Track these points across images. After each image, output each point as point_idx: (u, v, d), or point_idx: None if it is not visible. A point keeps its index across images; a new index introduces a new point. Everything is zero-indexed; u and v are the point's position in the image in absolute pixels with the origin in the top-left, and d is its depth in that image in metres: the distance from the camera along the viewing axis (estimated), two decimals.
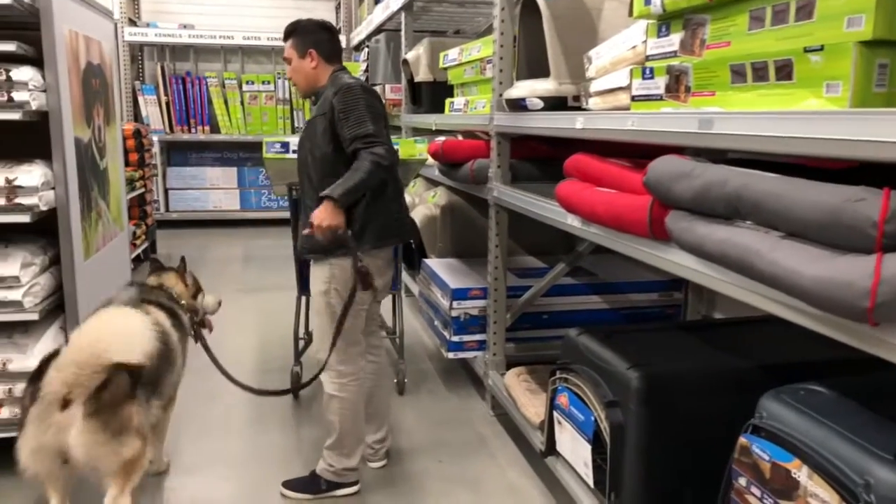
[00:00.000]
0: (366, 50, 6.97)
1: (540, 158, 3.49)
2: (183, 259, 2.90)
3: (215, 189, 8.73)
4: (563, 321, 3.69)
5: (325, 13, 9.02)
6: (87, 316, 2.43)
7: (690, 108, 1.72)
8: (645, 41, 2.01)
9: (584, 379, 2.29)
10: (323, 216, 2.44)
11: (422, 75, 4.99)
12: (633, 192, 1.96)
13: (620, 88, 2.13)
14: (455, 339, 3.59)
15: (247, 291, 5.73)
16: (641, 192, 1.91)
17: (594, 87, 2.30)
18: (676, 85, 1.78)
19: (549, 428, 2.58)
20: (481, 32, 6.42)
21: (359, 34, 7.92)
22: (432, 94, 4.89)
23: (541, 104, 2.74)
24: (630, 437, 2.08)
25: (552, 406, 2.52)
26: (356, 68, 6.97)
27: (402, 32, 5.67)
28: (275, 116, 8.57)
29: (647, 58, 1.96)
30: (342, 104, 2.49)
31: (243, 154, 8.88)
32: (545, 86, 2.72)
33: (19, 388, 2.76)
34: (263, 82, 8.52)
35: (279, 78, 8.54)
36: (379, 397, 2.99)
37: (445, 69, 4.41)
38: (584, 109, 2.39)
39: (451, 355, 3.65)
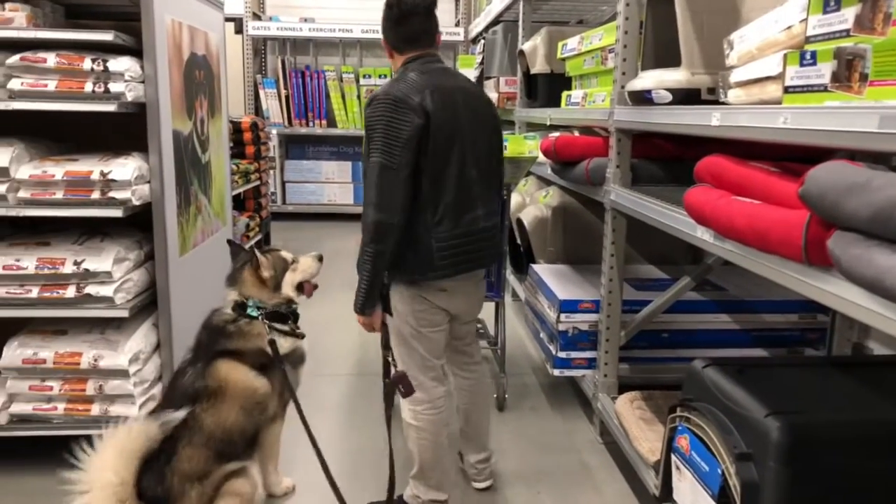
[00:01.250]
0: (482, 42, 6.72)
1: (664, 158, 3.11)
2: (252, 249, 2.60)
3: (330, 183, 8.77)
4: (686, 342, 3.31)
5: (445, 4, 8.85)
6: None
7: (867, 102, 1.35)
8: (805, 19, 1.63)
9: (711, 422, 1.93)
10: (365, 326, 2.38)
11: (538, 67, 4.67)
12: (783, 204, 1.60)
13: (769, 78, 1.76)
14: (562, 354, 3.29)
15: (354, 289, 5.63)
16: (794, 204, 1.55)
17: (735, 76, 1.93)
18: (848, 72, 1.41)
19: (665, 471, 2.24)
20: (604, 21, 6.02)
21: (477, 26, 7.68)
22: (549, 87, 4.56)
23: (669, 97, 2.38)
24: (766, 499, 1.71)
25: (670, 447, 2.18)
26: (472, 61, 6.73)
27: (520, 22, 5.37)
28: None
29: (808, 39, 1.59)
30: (366, 122, 2.24)
31: (358, 148, 8.86)
32: (675, 76, 2.37)
33: (110, 384, 2.71)
34: (380, 76, 8.44)
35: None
36: (476, 417, 2.75)
37: (563, 60, 4.08)
38: (722, 103, 2.03)
39: (556, 372, 3.34)
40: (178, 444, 2.16)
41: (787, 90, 1.64)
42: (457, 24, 8.56)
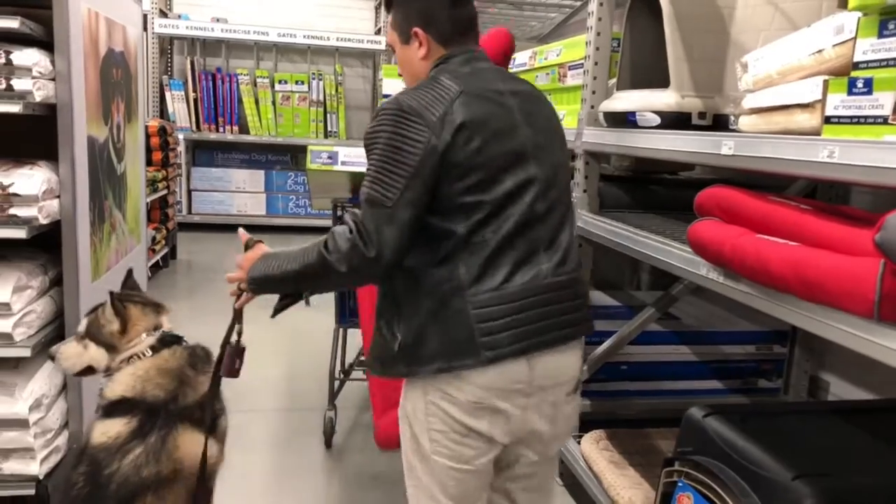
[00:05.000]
0: None
1: (615, 178, 2.98)
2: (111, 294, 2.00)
3: (241, 192, 8.28)
4: (646, 374, 3.17)
5: (365, 11, 8.57)
6: None
7: None
8: (846, 41, 1.48)
9: (721, 482, 1.76)
10: (244, 265, 1.67)
11: None
12: (828, 247, 1.44)
13: (798, 106, 1.60)
14: None
15: (271, 309, 5.23)
16: (844, 249, 1.39)
17: (751, 101, 1.78)
18: None
19: None
20: (547, 35, 5.93)
21: None
22: None
23: (657, 120, 2.22)
24: None
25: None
26: (392, 74, 6.49)
27: None
28: (307, 119, 8.10)
29: (857, 65, 1.43)
30: (365, 142, 1.57)
31: (272, 157, 8.43)
32: (664, 98, 2.20)
33: (5, 436, 2.28)
34: (297, 82, 8.06)
35: (314, 79, 8.08)
36: None
37: None
38: (731, 130, 1.87)
39: None
40: None
41: (828, 120, 1.49)
42: (377, 32, 8.29)
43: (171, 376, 1.90)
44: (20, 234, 2.21)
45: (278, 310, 1.73)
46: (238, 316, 1.81)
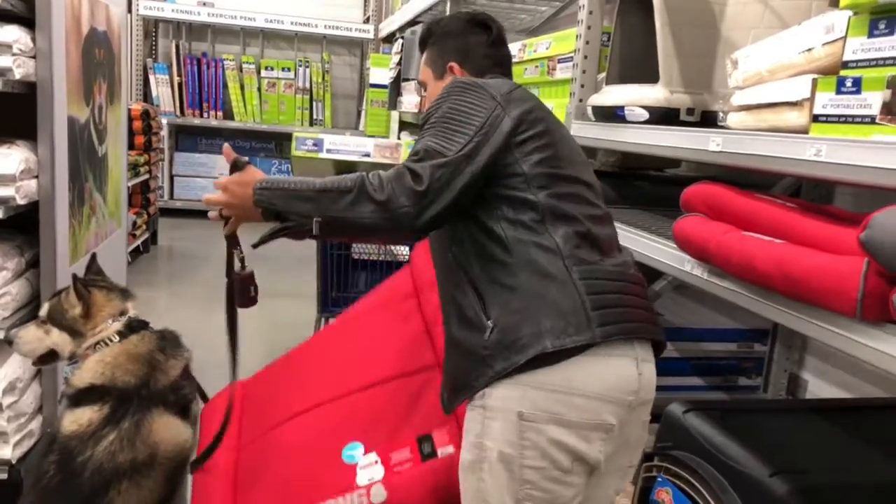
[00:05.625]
0: (399, 41, 6.45)
1: (601, 173, 2.96)
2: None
3: None
4: None
5: (354, 0, 8.50)
6: None
7: None
8: (836, 40, 1.48)
9: (700, 478, 1.76)
10: (228, 188, 1.43)
11: None
12: (812, 245, 1.44)
13: (786, 104, 1.60)
14: None
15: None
16: (827, 247, 1.39)
17: (740, 98, 1.77)
18: None
19: None
20: (536, 28, 5.91)
21: (390, 24, 7.40)
22: None
23: (645, 115, 2.21)
24: None
25: (645, 498, 1.99)
26: (386, 61, 6.45)
27: None
28: (293, 106, 8.04)
29: (846, 64, 1.43)
30: (423, 116, 1.49)
31: (256, 144, 8.36)
32: (653, 94, 2.20)
33: None
34: (283, 69, 7.99)
35: (300, 66, 8.02)
36: None
37: None
38: (718, 126, 1.87)
39: None
40: None
41: (816, 119, 1.49)
42: (366, 21, 8.23)
43: (141, 362, 1.87)
44: None
45: (266, 238, 1.46)
46: (232, 242, 1.58)
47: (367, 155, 2.87)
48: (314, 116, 8.12)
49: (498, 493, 1.31)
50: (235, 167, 1.46)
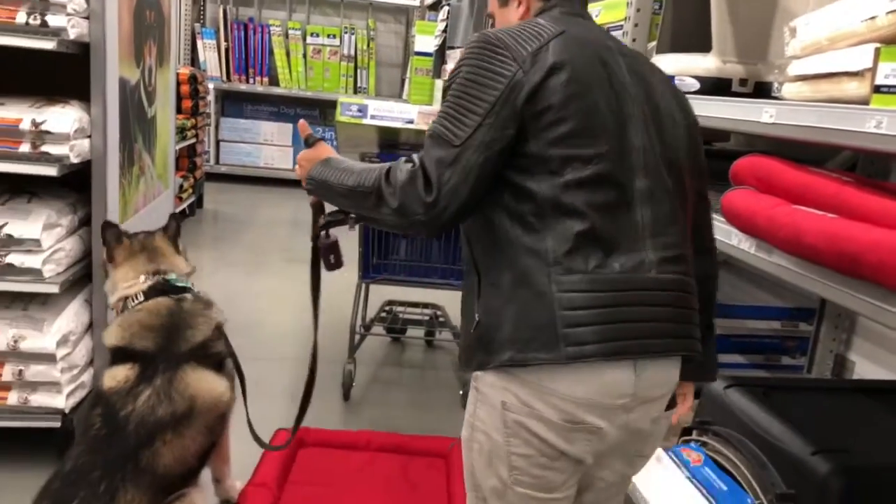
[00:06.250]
0: (446, 8, 6.39)
1: None
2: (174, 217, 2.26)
3: (268, 145, 8.28)
4: None
5: None
6: None
7: None
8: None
9: (740, 454, 1.75)
10: (301, 162, 1.52)
11: None
12: (868, 220, 1.40)
13: (847, 74, 1.55)
14: None
15: (295, 262, 5.25)
16: (878, 220, 1.36)
17: (797, 68, 1.72)
18: None
19: None
20: None
21: None
22: None
23: (696, 85, 2.16)
24: None
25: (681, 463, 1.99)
26: (431, 29, 6.39)
27: None
28: (337, 73, 8.04)
29: None
30: (447, 78, 1.35)
31: (301, 110, 8.39)
32: (705, 63, 2.15)
33: (33, 370, 2.32)
34: (329, 35, 7.98)
35: (346, 33, 8.01)
36: None
37: None
38: (772, 98, 1.82)
39: None
40: (118, 490, 1.74)
41: (877, 89, 1.43)
42: None
43: (160, 325, 1.95)
44: (51, 171, 2.22)
45: (323, 226, 1.58)
46: (316, 210, 1.65)
47: (411, 122, 2.86)
48: (358, 84, 8.12)
49: (487, 472, 1.32)
50: (308, 142, 1.55)
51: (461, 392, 3.26)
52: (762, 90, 2.10)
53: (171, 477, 1.83)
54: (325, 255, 1.67)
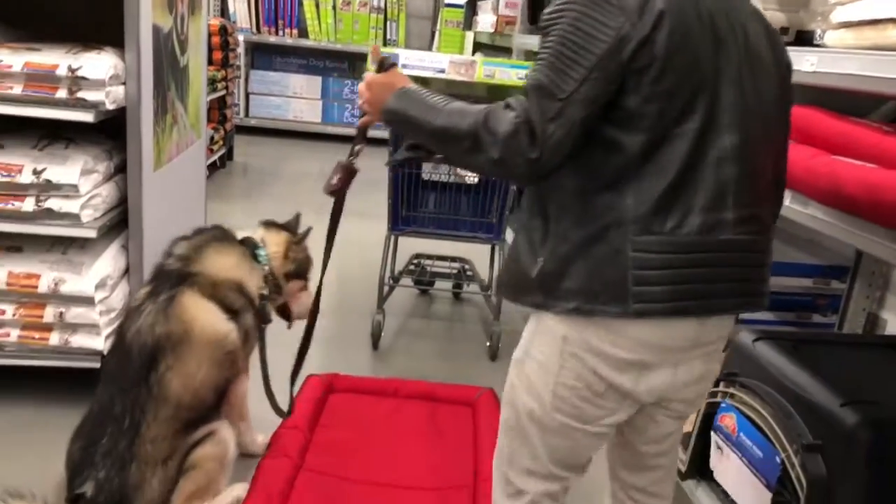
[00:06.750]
0: None
1: None
2: (297, 218, 2.43)
3: (297, 98, 8.27)
4: None
5: None
6: None
7: None
8: None
9: (767, 405, 1.75)
10: (372, 87, 1.45)
11: None
12: None
13: (891, 20, 1.51)
14: None
15: (323, 214, 5.27)
16: None
17: (840, 15, 1.67)
18: None
19: (696, 447, 2.07)
20: None
21: None
22: None
23: None
24: (839, 499, 1.55)
25: (707, 423, 2.00)
26: None
27: None
28: (367, 26, 7.97)
29: None
30: (543, 20, 1.26)
31: (330, 63, 8.34)
32: None
33: (73, 312, 2.39)
34: None
35: None
36: None
37: None
38: (815, 45, 1.77)
39: None
40: (140, 422, 1.84)
41: None
42: None
43: (193, 253, 2.07)
44: (88, 117, 2.25)
45: (400, 160, 1.61)
46: (360, 134, 1.67)
47: (442, 71, 2.84)
48: (388, 37, 8.04)
49: (529, 395, 1.37)
50: (381, 67, 1.48)
51: (488, 344, 3.28)
52: (804, 38, 2.05)
53: (187, 409, 1.90)
54: (333, 175, 1.68)
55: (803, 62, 1.72)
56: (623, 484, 1.56)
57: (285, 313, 2.36)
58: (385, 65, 1.48)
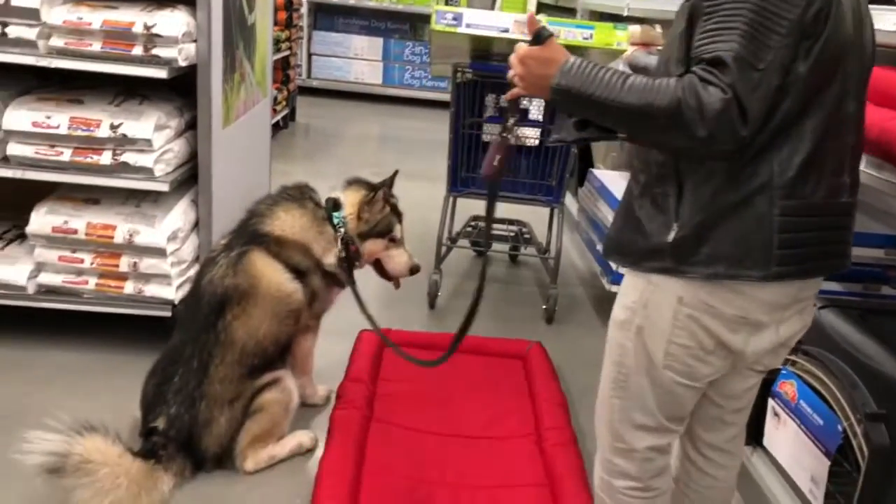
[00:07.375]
0: None
1: None
2: (393, 176, 2.42)
3: (359, 59, 8.29)
4: None
5: None
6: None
7: None
8: None
9: (831, 373, 1.73)
10: (527, 61, 1.34)
11: None
12: None
13: None
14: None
15: (383, 176, 5.33)
16: None
17: None
18: None
19: (752, 412, 2.05)
20: None
21: None
22: None
23: None
24: None
25: (765, 390, 1.98)
26: None
27: None
28: None
29: None
30: None
31: (391, 24, 8.33)
32: None
33: (146, 262, 2.50)
34: None
35: None
36: None
37: None
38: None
39: (614, 288, 3.13)
40: (208, 364, 1.97)
41: None
42: None
43: (271, 217, 2.17)
44: (161, 74, 2.33)
45: (571, 140, 1.45)
46: (511, 108, 1.56)
47: (506, 31, 2.82)
48: None
49: (640, 353, 1.39)
50: (537, 39, 1.35)
51: (544, 307, 3.29)
52: None
53: (251, 356, 2.02)
54: (492, 157, 1.57)
55: (884, 21, 1.66)
56: (698, 442, 1.59)
57: (384, 273, 2.39)
58: (543, 35, 1.34)
